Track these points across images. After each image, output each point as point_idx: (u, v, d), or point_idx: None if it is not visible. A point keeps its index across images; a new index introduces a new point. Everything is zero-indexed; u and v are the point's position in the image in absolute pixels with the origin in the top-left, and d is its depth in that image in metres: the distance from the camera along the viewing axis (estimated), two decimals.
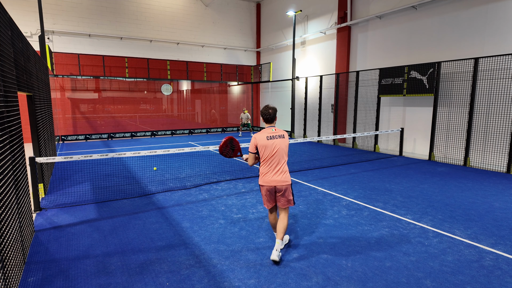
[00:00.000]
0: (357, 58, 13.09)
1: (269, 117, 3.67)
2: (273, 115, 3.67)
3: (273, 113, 3.66)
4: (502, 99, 8.30)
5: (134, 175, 7.92)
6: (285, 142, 3.64)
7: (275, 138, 3.58)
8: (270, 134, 3.59)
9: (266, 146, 3.57)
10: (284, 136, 3.64)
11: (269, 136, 3.58)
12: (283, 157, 3.63)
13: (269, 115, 3.66)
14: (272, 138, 3.57)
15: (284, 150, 3.63)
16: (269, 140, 3.57)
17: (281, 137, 3.61)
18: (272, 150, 3.57)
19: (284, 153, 3.64)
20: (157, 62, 16.16)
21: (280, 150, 3.59)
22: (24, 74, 4.75)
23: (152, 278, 3.31)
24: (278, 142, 3.58)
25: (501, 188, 6.66)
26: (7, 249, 2.86)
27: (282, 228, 3.66)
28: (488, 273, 3.37)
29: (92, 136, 15.39)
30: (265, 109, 3.68)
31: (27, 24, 13.40)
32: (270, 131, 3.62)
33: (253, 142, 3.65)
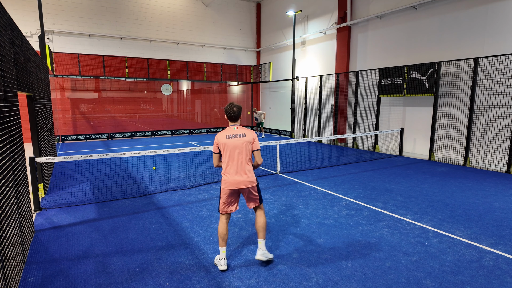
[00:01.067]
0: (357, 58, 13.09)
1: (233, 115, 3.52)
2: (237, 113, 3.52)
3: (237, 111, 3.52)
4: (502, 99, 8.30)
5: (134, 175, 7.92)
6: (246, 141, 3.45)
7: (236, 137, 3.43)
8: (231, 133, 3.45)
9: (226, 145, 3.43)
10: (245, 135, 3.46)
11: (229, 135, 3.44)
12: (246, 157, 3.46)
13: (234, 113, 3.51)
14: (232, 137, 3.43)
15: (246, 148, 3.45)
16: (228, 139, 3.43)
17: (242, 135, 3.45)
18: (232, 149, 3.42)
19: (247, 152, 3.46)
20: (157, 62, 16.16)
21: (241, 149, 3.42)
22: (24, 74, 4.75)
23: (152, 278, 3.31)
24: (238, 141, 3.42)
25: (501, 188, 6.66)
26: (7, 249, 2.86)
27: (262, 227, 3.54)
28: (488, 273, 3.37)
29: (92, 136, 15.39)
30: (229, 106, 3.53)
31: (27, 24, 13.39)
32: (231, 130, 3.48)
33: (215, 141, 3.54)
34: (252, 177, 3.50)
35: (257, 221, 3.59)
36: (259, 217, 3.60)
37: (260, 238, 3.56)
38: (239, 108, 3.55)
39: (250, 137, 3.49)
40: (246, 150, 3.46)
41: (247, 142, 3.46)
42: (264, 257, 3.51)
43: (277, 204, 5.71)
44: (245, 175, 3.44)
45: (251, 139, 3.50)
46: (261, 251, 3.52)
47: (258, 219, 3.59)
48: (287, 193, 6.36)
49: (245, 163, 3.46)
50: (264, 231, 3.56)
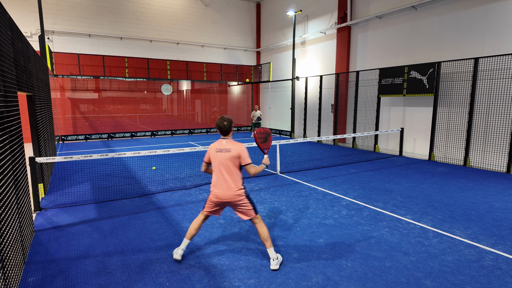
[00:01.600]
0: (357, 58, 13.09)
1: (224, 129, 3.52)
2: (228, 127, 3.51)
3: (228, 125, 3.50)
4: (502, 99, 8.30)
5: (134, 175, 7.92)
6: (231, 155, 3.42)
7: (222, 151, 3.46)
8: (219, 147, 3.49)
9: (214, 158, 3.51)
10: (230, 150, 3.43)
11: (218, 149, 3.49)
12: (230, 171, 3.44)
13: (224, 127, 3.51)
14: (220, 151, 3.48)
15: (230, 163, 3.43)
16: (217, 152, 3.49)
17: (227, 151, 3.44)
18: (217, 162, 3.48)
19: (231, 167, 3.44)
20: (157, 62, 16.16)
21: (224, 164, 3.44)
22: (24, 74, 4.75)
23: (152, 278, 3.31)
24: (223, 156, 3.44)
25: (501, 188, 6.66)
26: (7, 249, 2.86)
27: (265, 236, 3.53)
28: (488, 273, 3.37)
29: (92, 136, 15.39)
30: (220, 121, 3.52)
31: (27, 24, 13.39)
32: (221, 143, 3.51)
33: (207, 152, 3.61)
34: (236, 191, 3.45)
35: (260, 233, 3.55)
36: (261, 228, 3.55)
37: (268, 248, 3.54)
38: (230, 122, 3.52)
39: (236, 152, 3.44)
40: (230, 166, 3.44)
41: (231, 157, 3.44)
42: (278, 265, 3.49)
43: (277, 204, 5.71)
44: (228, 190, 3.45)
45: (236, 153, 3.44)
46: (274, 260, 3.50)
47: (259, 231, 3.56)
48: (287, 193, 6.36)
49: (229, 178, 3.45)
50: (268, 240, 3.53)
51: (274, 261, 3.48)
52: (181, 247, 3.64)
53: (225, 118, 3.53)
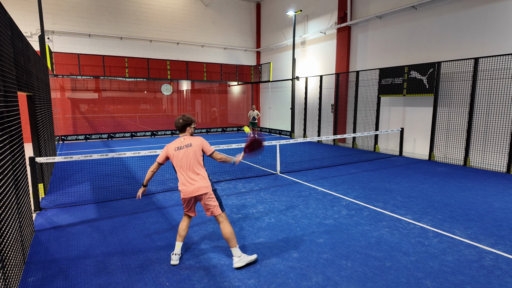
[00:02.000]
0: (357, 58, 13.09)
1: (179, 126, 3.63)
2: (183, 125, 3.61)
3: (182, 123, 3.61)
4: (502, 99, 8.30)
5: (134, 175, 7.92)
6: (193, 150, 3.53)
7: (183, 148, 3.54)
8: (179, 145, 3.56)
9: (176, 157, 3.53)
10: (191, 144, 3.55)
11: (177, 147, 3.55)
12: (196, 165, 3.53)
13: (179, 124, 3.62)
14: (179, 148, 3.54)
15: (194, 157, 3.52)
16: (177, 151, 3.53)
17: (189, 145, 3.54)
18: (180, 159, 3.51)
19: (195, 160, 3.53)
20: (157, 62, 16.16)
21: (189, 159, 3.50)
22: (24, 74, 4.75)
23: (152, 278, 3.31)
24: (185, 151, 3.52)
25: (501, 188, 6.66)
26: (7, 249, 2.86)
27: (228, 236, 3.49)
28: (488, 273, 3.37)
29: (92, 136, 15.39)
30: (177, 119, 3.66)
31: (27, 24, 13.40)
32: (179, 141, 3.59)
33: (164, 152, 3.64)
34: (206, 183, 3.51)
35: (223, 232, 3.52)
36: (224, 228, 3.51)
37: (233, 247, 3.51)
38: (185, 120, 3.61)
39: (197, 145, 3.57)
40: (195, 159, 3.52)
41: (194, 151, 3.53)
42: (242, 262, 3.48)
43: (277, 204, 5.72)
44: (195, 183, 3.48)
45: (198, 146, 3.57)
46: (237, 258, 3.49)
47: (223, 230, 3.52)
48: (287, 193, 6.36)
49: (196, 171, 3.51)
50: (234, 239, 3.51)
51: (236, 258, 3.48)
52: (175, 252, 3.64)
53: (184, 116, 3.65)
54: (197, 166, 3.54)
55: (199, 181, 3.50)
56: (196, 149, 3.55)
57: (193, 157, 3.53)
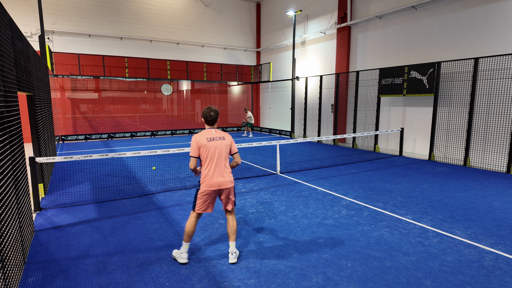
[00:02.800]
0: (357, 58, 13.09)
1: (211, 119, 3.62)
2: (215, 117, 3.62)
3: (215, 116, 3.60)
4: (502, 99, 8.30)
5: (134, 175, 7.92)
6: (225, 144, 3.59)
7: (216, 139, 3.55)
8: (211, 136, 3.55)
9: (206, 147, 3.51)
10: (225, 138, 3.60)
11: (210, 138, 3.54)
12: (225, 159, 3.60)
13: (211, 117, 3.60)
14: (212, 139, 3.54)
15: (225, 151, 3.58)
16: (209, 141, 3.52)
17: (222, 138, 3.58)
18: (212, 151, 3.51)
19: (226, 154, 3.60)
20: (157, 62, 16.15)
21: (220, 151, 3.54)
22: (24, 74, 4.75)
23: (152, 278, 3.31)
24: (219, 143, 3.55)
25: (501, 188, 6.66)
26: (7, 249, 2.86)
27: (234, 230, 3.66)
28: (488, 273, 3.37)
29: (92, 136, 15.39)
30: (207, 111, 3.61)
31: (27, 24, 13.40)
32: (210, 133, 3.58)
33: (194, 145, 3.53)
34: (231, 178, 3.65)
35: (230, 225, 3.68)
36: (232, 220, 3.69)
37: (232, 241, 3.66)
38: (217, 112, 3.63)
39: (229, 140, 3.65)
40: (226, 153, 3.60)
41: (226, 145, 3.60)
42: (236, 259, 3.64)
43: (277, 204, 5.72)
44: (225, 176, 3.57)
45: (230, 142, 3.65)
46: (233, 254, 3.62)
47: (230, 223, 3.68)
48: (287, 193, 6.36)
49: (224, 164, 3.59)
50: (235, 234, 3.69)
51: (233, 254, 3.61)
52: (183, 250, 3.62)
53: (213, 108, 3.62)
54: (226, 159, 3.62)
55: (227, 175, 3.58)
56: (228, 144, 3.62)
57: (225, 151, 3.58)
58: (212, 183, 3.51)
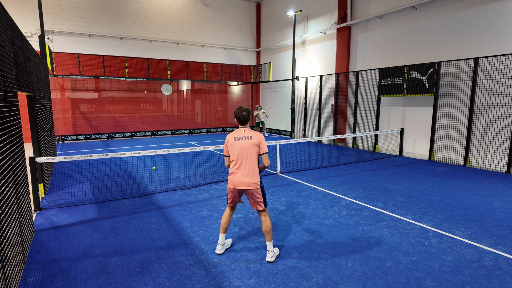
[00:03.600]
0: (357, 58, 13.09)
1: (243, 119, 3.67)
2: (247, 117, 3.67)
3: (246, 115, 3.66)
4: (502, 99, 8.30)
5: (134, 175, 7.92)
6: (251, 143, 3.57)
7: (242, 139, 3.58)
8: (238, 135, 3.61)
9: (233, 147, 3.60)
10: (251, 138, 3.59)
11: (237, 137, 3.60)
12: (251, 159, 3.57)
13: (243, 117, 3.66)
14: (239, 139, 3.59)
15: (251, 151, 3.56)
16: (236, 141, 3.59)
17: (249, 138, 3.58)
18: (238, 151, 3.56)
19: (252, 154, 3.57)
20: (157, 62, 16.15)
21: (246, 151, 3.55)
22: (24, 74, 4.75)
23: (152, 278, 3.31)
24: (245, 143, 3.56)
25: (501, 188, 6.66)
26: (7, 249, 2.86)
27: (266, 231, 3.65)
28: (488, 273, 3.37)
29: (92, 136, 15.39)
30: (239, 111, 3.67)
31: (27, 24, 13.39)
32: (239, 132, 3.63)
33: (225, 143, 3.71)
34: (255, 179, 3.58)
35: (263, 226, 3.68)
36: (264, 221, 3.67)
37: (267, 241, 3.66)
38: (248, 112, 3.68)
39: (256, 140, 3.60)
40: (252, 152, 3.57)
41: (252, 144, 3.57)
42: (273, 258, 3.65)
43: (277, 204, 5.71)
44: (248, 177, 3.56)
45: (257, 141, 3.60)
46: (270, 253, 3.64)
47: (263, 223, 3.68)
48: (287, 193, 6.36)
49: (249, 165, 3.56)
50: (270, 234, 3.65)
51: (270, 253, 3.63)
52: (220, 242, 3.80)
53: (244, 108, 3.66)
54: (252, 160, 3.58)
55: (249, 176, 3.56)
56: (255, 143, 3.58)
57: (251, 150, 3.56)
58: (234, 181, 3.59)
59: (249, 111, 3.69)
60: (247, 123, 3.71)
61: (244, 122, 3.69)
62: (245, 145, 3.56)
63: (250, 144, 3.56)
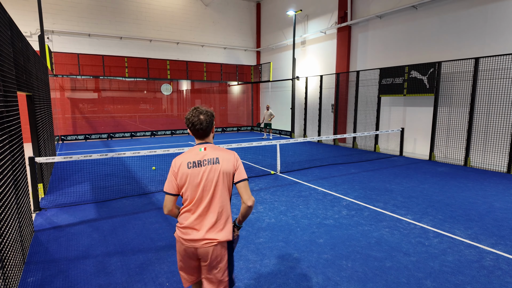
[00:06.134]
0: (357, 58, 13.08)
1: (201, 128, 2.08)
2: (206, 124, 2.08)
3: (206, 122, 2.08)
4: (502, 99, 8.29)
5: (134, 175, 7.91)
6: (222, 170, 2.06)
7: (202, 164, 2.06)
8: (195, 159, 2.07)
9: (187, 179, 2.05)
10: (219, 161, 2.07)
11: (193, 162, 2.06)
12: (220, 197, 2.07)
13: (200, 124, 2.07)
14: (197, 165, 2.06)
15: (220, 183, 2.06)
16: (191, 168, 2.05)
17: (214, 162, 2.07)
18: (196, 186, 2.05)
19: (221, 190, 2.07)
20: (157, 62, 16.15)
21: (210, 185, 2.05)
22: (24, 74, 4.74)
23: (152, 278, 3.30)
24: (208, 170, 2.05)
25: (502, 188, 6.66)
26: (6, 249, 2.85)
27: None
28: (488, 273, 3.37)
29: (92, 136, 15.38)
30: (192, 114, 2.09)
31: (26, 24, 13.38)
32: (196, 153, 2.09)
33: (171, 171, 2.12)
34: (222, 235, 2.07)
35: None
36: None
37: None
38: (209, 116, 2.10)
39: (228, 163, 2.09)
40: (221, 186, 2.08)
41: (222, 172, 2.07)
42: None
43: (277, 204, 5.71)
44: (215, 230, 2.06)
45: (230, 166, 2.09)
46: None
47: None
48: (287, 193, 6.36)
49: (217, 209, 2.07)
50: None
51: None
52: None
53: (201, 109, 2.11)
54: (222, 199, 2.09)
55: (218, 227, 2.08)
56: (226, 171, 2.08)
57: (220, 182, 2.07)
58: (186, 236, 2.07)
59: (209, 114, 2.10)
60: (208, 135, 2.15)
61: (203, 133, 2.12)
62: (211, 175, 2.05)
63: (219, 172, 2.06)
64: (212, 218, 2.06)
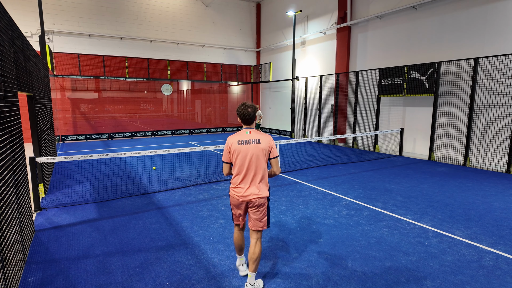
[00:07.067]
0: (357, 58, 13.09)
1: (248, 117, 3.01)
2: (252, 115, 3.01)
3: (252, 113, 3.00)
4: (502, 99, 8.30)
5: (134, 175, 7.92)
6: (261, 148, 2.95)
7: (248, 143, 2.94)
8: (244, 138, 2.96)
9: (237, 153, 2.95)
10: (260, 141, 2.95)
11: (242, 141, 2.95)
12: (260, 168, 2.95)
13: (248, 115, 3.00)
14: (244, 143, 2.94)
15: (260, 158, 2.94)
16: (240, 145, 2.95)
17: (256, 141, 2.95)
18: (244, 158, 2.93)
19: (261, 162, 2.95)
20: (157, 62, 16.16)
21: (254, 159, 2.93)
22: (24, 74, 4.75)
23: (152, 278, 3.31)
24: (252, 148, 2.93)
25: (501, 188, 6.66)
26: (7, 249, 2.86)
27: (253, 258, 2.97)
28: (488, 273, 3.37)
29: (92, 136, 15.39)
30: (243, 108, 3.01)
31: (27, 24, 13.39)
32: (244, 134, 2.99)
33: (226, 148, 3.05)
34: (263, 192, 2.99)
35: (251, 251, 3.00)
36: (254, 246, 3.01)
37: (251, 271, 3.01)
38: (254, 109, 3.04)
39: (266, 144, 2.98)
40: (261, 160, 2.95)
41: (262, 149, 2.95)
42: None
43: (277, 204, 5.72)
44: (255, 189, 2.96)
45: (267, 146, 2.99)
46: (250, 286, 2.99)
47: (252, 248, 3.01)
48: (287, 193, 6.36)
49: (258, 176, 2.96)
50: (256, 263, 2.99)
51: (249, 286, 2.98)
52: (238, 264, 3.33)
53: (248, 104, 3.03)
54: (262, 167, 2.96)
55: (259, 188, 2.97)
56: (265, 148, 2.96)
57: (260, 157, 2.94)
58: (238, 196, 2.99)
59: (254, 107, 3.04)
60: (252, 122, 3.06)
61: (249, 121, 3.03)
62: (253, 151, 2.93)
63: (259, 149, 2.94)
64: (256, 181, 2.98)
